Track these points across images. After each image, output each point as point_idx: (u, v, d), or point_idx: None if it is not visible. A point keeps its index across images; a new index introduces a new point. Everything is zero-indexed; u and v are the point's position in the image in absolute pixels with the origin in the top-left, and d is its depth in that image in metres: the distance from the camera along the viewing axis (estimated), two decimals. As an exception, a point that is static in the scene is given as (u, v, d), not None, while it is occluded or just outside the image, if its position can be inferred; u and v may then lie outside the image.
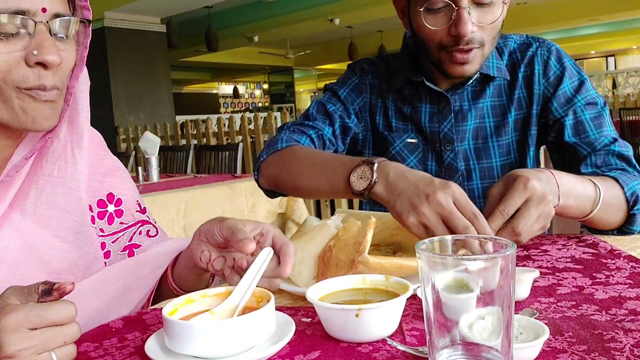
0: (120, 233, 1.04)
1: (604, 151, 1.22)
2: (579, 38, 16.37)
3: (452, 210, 0.89)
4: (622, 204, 1.14)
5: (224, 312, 0.74)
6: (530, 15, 12.71)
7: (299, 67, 19.52)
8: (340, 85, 1.42)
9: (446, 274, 0.54)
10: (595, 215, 1.10)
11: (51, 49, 0.81)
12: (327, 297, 0.77)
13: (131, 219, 1.06)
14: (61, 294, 0.67)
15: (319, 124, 1.34)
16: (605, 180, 1.13)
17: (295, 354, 0.68)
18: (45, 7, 0.81)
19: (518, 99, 1.33)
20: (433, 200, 0.89)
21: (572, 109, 1.27)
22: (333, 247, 0.90)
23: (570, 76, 1.30)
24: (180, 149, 5.34)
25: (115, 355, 0.73)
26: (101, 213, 1.02)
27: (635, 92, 10.80)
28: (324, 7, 10.56)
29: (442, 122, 1.33)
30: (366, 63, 1.45)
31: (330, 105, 1.37)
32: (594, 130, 1.25)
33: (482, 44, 1.19)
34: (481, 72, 1.29)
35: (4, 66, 0.80)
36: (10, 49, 0.80)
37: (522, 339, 0.63)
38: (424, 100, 1.35)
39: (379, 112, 1.40)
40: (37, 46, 0.80)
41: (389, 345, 0.68)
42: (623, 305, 0.77)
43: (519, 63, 1.33)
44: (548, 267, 0.98)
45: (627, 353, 0.62)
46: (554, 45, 1.34)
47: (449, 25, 1.17)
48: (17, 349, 0.61)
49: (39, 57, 0.80)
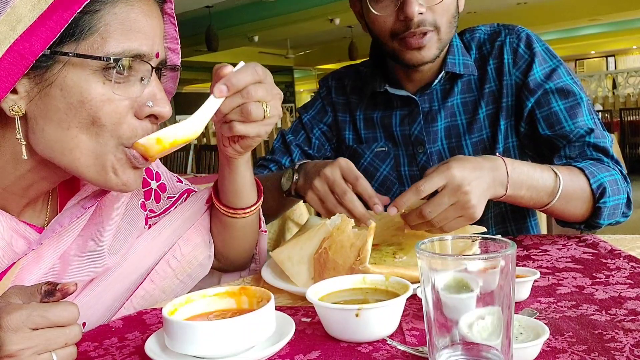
0: (172, 208, 1.01)
1: (580, 142, 1.17)
2: (579, 38, 16.35)
3: (335, 179, 1.02)
4: (586, 196, 1.09)
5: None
6: (530, 15, 12.70)
7: (299, 67, 19.50)
8: (305, 109, 1.44)
9: (446, 273, 0.54)
10: (554, 205, 1.07)
11: (166, 100, 0.73)
12: (327, 297, 0.77)
13: (175, 191, 1.03)
14: (64, 294, 0.67)
15: (277, 156, 1.40)
16: (571, 171, 1.09)
17: (295, 353, 0.68)
18: (159, 51, 0.73)
19: (489, 93, 1.28)
20: (322, 174, 1.04)
21: (544, 99, 1.21)
22: (329, 249, 0.90)
23: (541, 62, 1.24)
24: (181, 148, 5.34)
25: (115, 355, 0.73)
26: (147, 192, 0.97)
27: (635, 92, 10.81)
28: (324, 7, 10.54)
29: (412, 125, 1.31)
30: (334, 78, 1.45)
31: (290, 136, 1.41)
32: (569, 121, 1.19)
33: (435, 26, 1.16)
34: (447, 71, 1.26)
35: (115, 117, 0.70)
36: (124, 96, 0.71)
37: (522, 338, 0.63)
38: (394, 105, 1.33)
39: (348, 127, 1.40)
40: (152, 96, 0.73)
41: (389, 345, 0.68)
42: (623, 305, 0.77)
43: (489, 55, 1.28)
44: (548, 267, 0.98)
45: (627, 353, 0.62)
46: (524, 32, 1.28)
47: (397, 11, 1.15)
48: (18, 348, 0.61)
49: (154, 108, 0.72)
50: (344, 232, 0.90)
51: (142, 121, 0.74)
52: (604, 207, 1.10)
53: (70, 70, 0.70)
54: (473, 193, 0.92)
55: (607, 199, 1.10)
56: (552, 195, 1.05)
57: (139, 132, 0.73)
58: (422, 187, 0.92)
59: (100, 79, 0.70)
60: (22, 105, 0.71)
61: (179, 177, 1.08)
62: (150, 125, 0.75)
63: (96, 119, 0.70)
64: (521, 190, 1.02)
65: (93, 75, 0.70)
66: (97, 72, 0.70)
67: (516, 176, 1.00)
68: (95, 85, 0.70)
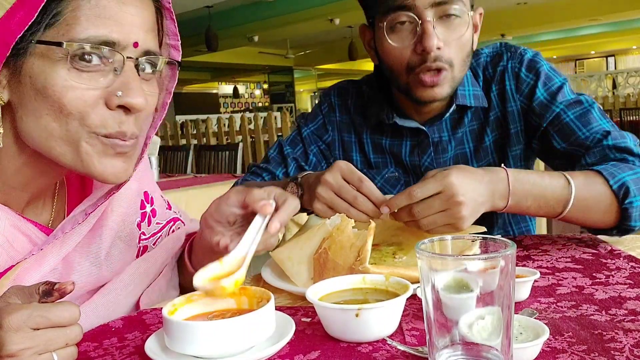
0: (158, 234, 1.02)
1: (599, 147, 1.12)
2: (579, 38, 16.37)
3: (341, 185, 0.99)
4: (607, 199, 1.03)
5: (233, 261, 0.74)
6: (530, 15, 12.71)
7: (299, 67, 19.51)
8: (306, 122, 1.40)
9: (446, 274, 0.54)
10: (571, 213, 1.02)
11: (138, 91, 0.72)
12: (327, 297, 0.77)
13: (164, 217, 1.03)
14: (61, 294, 0.67)
15: (272, 167, 1.37)
16: (587, 175, 1.04)
17: (295, 353, 0.68)
18: (138, 41, 0.72)
19: (494, 120, 1.26)
20: (324, 181, 1.00)
21: (554, 117, 1.18)
22: (328, 250, 0.90)
23: (545, 83, 1.21)
24: (180, 149, 5.34)
25: (115, 355, 0.73)
26: (143, 214, 0.98)
27: (635, 92, 10.81)
28: (324, 7, 10.54)
29: (422, 156, 1.28)
30: (337, 95, 1.39)
31: (287, 148, 1.37)
32: (583, 129, 1.15)
33: (450, 64, 1.13)
34: (457, 104, 1.23)
35: (81, 105, 0.70)
36: (91, 85, 0.70)
37: (522, 339, 0.63)
38: (403, 134, 1.30)
39: (355, 148, 1.36)
40: (123, 86, 0.71)
41: (389, 345, 0.68)
42: (623, 305, 0.77)
43: (491, 80, 1.26)
44: (548, 267, 0.98)
45: (626, 353, 0.62)
46: (526, 54, 1.25)
47: (415, 43, 1.12)
48: (19, 348, 0.61)
49: (123, 99, 0.71)
50: (344, 232, 0.90)
51: (114, 111, 0.72)
52: (631, 208, 1.03)
53: (37, 58, 0.70)
54: (466, 205, 0.91)
55: (633, 198, 1.03)
56: (564, 202, 1.01)
57: (109, 122, 0.72)
58: (415, 193, 0.92)
59: (65, 66, 0.69)
60: (4, 94, 0.72)
61: (169, 203, 1.08)
62: (124, 117, 0.73)
63: (62, 106, 0.70)
64: (526, 201, 1.00)
65: (58, 63, 0.69)
66: (62, 59, 0.69)
67: (519, 187, 0.98)
68: (59, 73, 0.69)
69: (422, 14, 1.10)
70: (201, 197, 2.95)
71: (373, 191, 0.99)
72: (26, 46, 0.69)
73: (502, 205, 0.99)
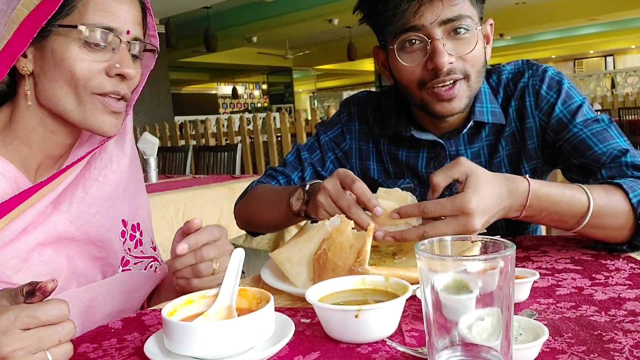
0: (139, 260, 1.15)
1: (615, 164, 1.11)
2: (578, 38, 16.38)
3: (338, 192, 1.02)
4: (624, 215, 1.01)
5: (218, 313, 0.74)
6: (530, 15, 12.72)
7: (298, 67, 19.50)
8: (325, 129, 1.41)
9: (445, 274, 0.54)
10: (584, 229, 1.01)
11: (131, 64, 0.96)
12: (327, 298, 0.77)
13: (147, 252, 1.18)
14: (43, 293, 0.68)
15: (288, 170, 1.39)
16: (607, 190, 1.02)
17: (295, 354, 0.68)
18: (130, 30, 0.96)
19: (510, 134, 1.26)
20: (323, 188, 1.03)
21: (570, 134, 1.18)
22: (328, 251, 0.90)
23: (565, 101, 1.21)
24: (179, 149, 5.33)
25: (115, 356, 0.73)
26: (132, 236, 1.14)
27: (634, 92, 10.81)
28: (323, 8, 10.55)
29: (438, 168, 1.28)
30: (356, 104, 1.41)
31: (305, 153, 1.40)
32: (599, 145, 1.14)
33: (466, 75, 1.14)
34: (475, 120, 1.23)
35: (87, 73, 0.93)
36: (96, 59, 0.94)
37: (521, 339, 0.63)
38: (420, 145, 1.30)
39: (372, 157, 1.37)
40: (119, 61, 0.95)
41: (389, 346, 0.68)
42: (622, 306, 0.77)
43: (511, 96, 1.26)
44: (547, 268, 0.98)
45: (626, 354, 0.62)
46: (548, 72, 1.25)
47: (425, 61, 1.13)
48: (10, 350, 0.62)
49: (120, 69, 0.94)
50: (344, 234, 0.90)
51: (112, 78, 0.95)
52: None
53: (58, 38, 0.92)
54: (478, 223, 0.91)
55: None
56: (579, 219, 1.00)
57: (107, 85, 0.94)
58: (427, 210, 0.93)
59: (78, 44, 0.92)
60: (29, 66, 0.94)
61: (154, 245, 1.21)
62: (119, 82, 0.96)
63: (72, 73, 0.92)
64: (540, 214, 0.99)
65: (73, 42, 0.92)
66: (76, 40, 0.92)
67: (537, 203, 0.97)
68: (73, 49, 0.92)
69: (431, 32, 1.11)
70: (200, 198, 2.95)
71: (364, 191, 0.99)
72: (50, 29, 0.92)
73: (515, 216, 0.99)
